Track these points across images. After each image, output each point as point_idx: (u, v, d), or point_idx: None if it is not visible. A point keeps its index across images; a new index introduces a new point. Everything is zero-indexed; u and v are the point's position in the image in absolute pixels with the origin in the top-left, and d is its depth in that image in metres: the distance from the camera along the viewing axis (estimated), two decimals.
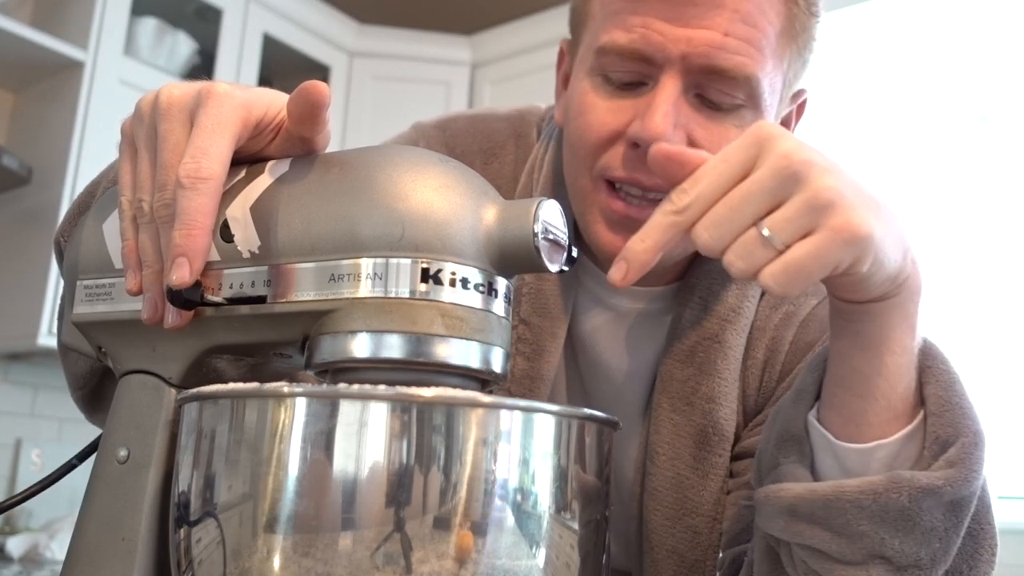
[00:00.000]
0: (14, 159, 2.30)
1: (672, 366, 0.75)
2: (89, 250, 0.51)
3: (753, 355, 0.76)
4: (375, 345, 0.42)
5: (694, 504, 0.73)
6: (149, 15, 2.59)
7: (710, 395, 0.73)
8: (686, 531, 0.73)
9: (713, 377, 0.74)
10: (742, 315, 0.75)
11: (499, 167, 0.82)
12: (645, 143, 0.65)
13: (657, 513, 0.74)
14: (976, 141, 2.40)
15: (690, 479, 0.73)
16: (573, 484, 0.40)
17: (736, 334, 0.75)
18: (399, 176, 0.43)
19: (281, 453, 0.37)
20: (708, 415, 0.73)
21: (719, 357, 0.74)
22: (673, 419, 0.74)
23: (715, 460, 0.73)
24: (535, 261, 0.43)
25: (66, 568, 0.48)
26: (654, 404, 0.76)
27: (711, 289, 0.76)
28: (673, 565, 0.73)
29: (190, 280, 0.44)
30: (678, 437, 0.74)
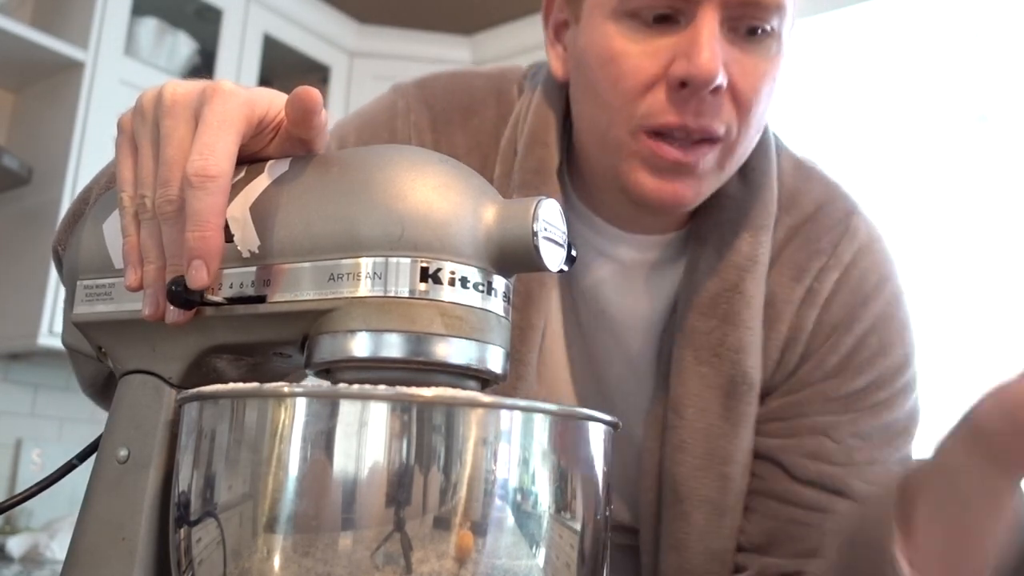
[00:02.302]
0: (14, 159, 2.30)
1: (695, 319, 0.74)
2: (89, 250, 0.51)
3: (777, 328, 0.76)
4: (375, 344, 0.42)
5: (726, 452, 0.73)
6: (149, 15, 2.59)
7: (737, 345, 0.73)
8: (718, 479, 0.73)
9: (739, 327, 0.73)
10: (758, 263, 0.75)
11: (479, 123, 0.80)
12: (696, 83, 0.64)
13: (685, 465, 0.73)
14: (976, 141, 2.40)
15: (721, 428, 0.73)
16: (573, 484, 0.40)
17: (755, 283, 0.74)
18: (398, 176, 0.43)
19: (281, 453, 0.37)
20: (736, 365, 0.73)
21: (743, 307, 0.73)
22: (700, 371, 0.73)
23: (745, 409, 0.73)
24: (535, 260, 0.43)
25: (66, 568, 0.48)
26: (676, 357, 0.75)
27: (724, 239, 0.75)
28: (705, 513, 0.73)
29: (209, 282, 0.44)
30: (707, 389, 0.73)
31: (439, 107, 0.80)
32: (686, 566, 0.73)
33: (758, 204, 0.76)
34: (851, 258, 0.77)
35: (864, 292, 0.77)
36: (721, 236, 0.75)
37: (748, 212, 0.76)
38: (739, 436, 0.73)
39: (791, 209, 0.78)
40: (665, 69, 0.66)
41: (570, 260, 0.45)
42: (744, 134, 0.69)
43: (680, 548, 0.74)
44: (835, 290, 0.76)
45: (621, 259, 0.78)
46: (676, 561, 0.74)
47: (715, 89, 0.66)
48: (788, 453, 0.76)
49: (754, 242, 0.75)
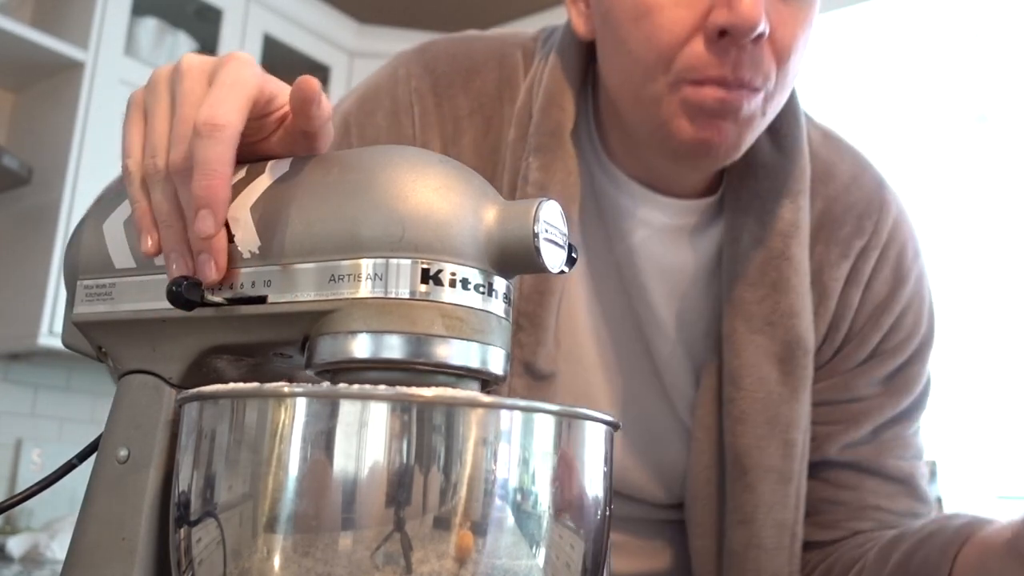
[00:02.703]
0: (14, 159, 2.30)
1: (743, 289, 0.74)
2: (89, 250, 0.51)
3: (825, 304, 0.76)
4: (375, 345, 0.42)
5: (787, 418, 0.73)
6: (149, 15, 2.59)
7: (790, 311, 0.73)
8: (782, 446, 0.73)
9: (789, 293, 0.73)
10: (801, 228, 0.75)
11: (481, 85, 0.79)
12: (739, 31, 0.63)
13: (748, 435, 0.73)
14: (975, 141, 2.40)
15: (781, 395, 0.73)
16: (573, 484, 0.40)
17: (800, 247, 0.74)
18: (399, 176, 0.43)
19: (281, 453, 0.37)
20: (791, 330, 0.73)
21: (791, 273, 0.73)
22: (754, 340, 0.73)
23: (802, 373, 0.74)
24: (535, 262, 0.43)
25: (66, 568, 0.48)
26: (727, 329, 0.74)
27: (765, 207, 0.75)
28: (772, 483, 0.73)
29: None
30: (763, 357, 0.73)
31: (440, 71, 0.79)
32: (754, 540, 0.73)
33: (795, 170, 0.76)
34: (888, 236, 0.78)
35: (902, 270, 0.78)
36: (762, 204, 0.75)
37: (786, 179, 0.75)
38: (799, 400, 0.73)
39: (827, 180, 0.79)
40: (703, 18, 0.64)
41: (570, 261, 0.45)
42: (781, 85, 0.68)
43: (748, 522, 0.73)
44: (876, 269, 0.77)
45: (653, 223, 0.77)
46: (744, 536, 0.73)
47: (756, 38, 0.64)
48: (831, 441, 0.76)
49: (795, 208, 0.74)
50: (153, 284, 0.48)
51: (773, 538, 0.73)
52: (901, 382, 0.78)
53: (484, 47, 0.82)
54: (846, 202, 0.78)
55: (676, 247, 0.77)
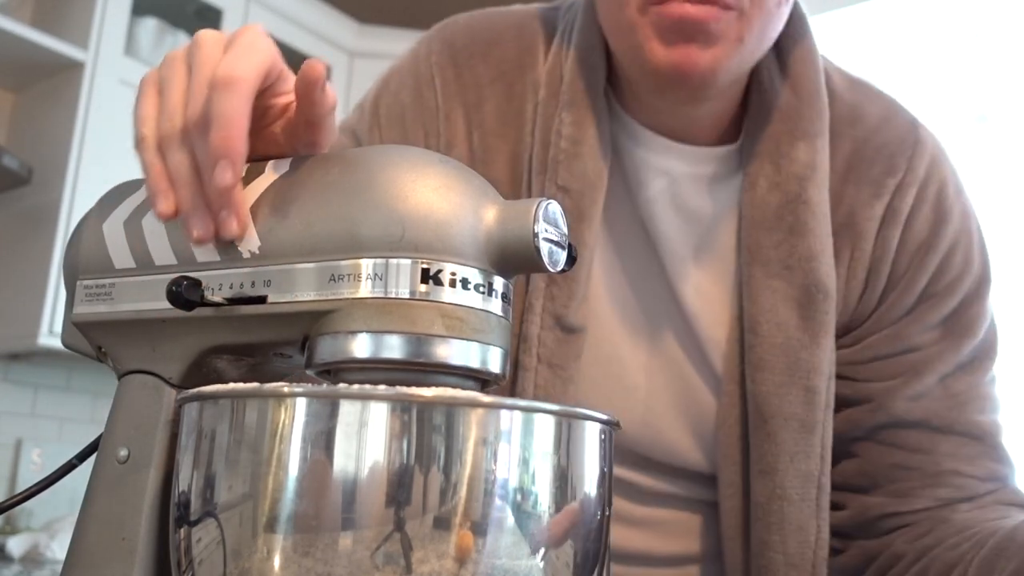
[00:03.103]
0: (14, 159, 2.30)
1: (758, 235, 0.73)
2: (89, 250, 0.51)
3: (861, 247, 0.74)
4: (375, 345, 0.42)
5: (808, 364, 0.71)
6: (149, 15, 2.59)
7: (808, 254, 0.72)
8: (803, 392, 0.71)
9: (807, 236, 0.72)
10: (818, 170, 0.73)
11: (501, 54, 0.80)
12: None
13: (767, 382, 0.72)
14: (975, 141, 2.40)
15: (801, 340, 0.72)
16: (573, 484, 0.40)
17: (818, 190, 0.73)
18: (399, 176, 0.43)
19: (281, 453, 0.37)
20: (810, 274, 0.72)
21: (808, 216, 0.72)
22: (772, 285, 0.72)
23: (823, 318, 0.72)
24: (535, 262, 0.43)
25: (66, 568, 0.48)
26: (744, 275, 0.73)
27: (780, 150, 0.74)
28: (793, 431, 0.71)
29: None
30: (782, 302, 0.72)
31: (460, 43, 0.81)
32: (778, 491, 0.71)
33: (810, 112, 0.75)
34: (925, 172, 0.76)
35: (944, 207, 0.76)
36: (776, 147, 0.74)
37: (801, 121, 0.74)
38: (820, 346, 0.72)
39: (855, 122, 0.77)
40: None
41: (571, 261, 0.45)
42: (758, 6, 0.67)
43: (770, 472, 0.72)
44: (915, 206, 0.75)
45: (673, 173, 0.76)
46: (767, 487, 0.72)
47: None
48: (893, 396, 0.74)
49: (811, 150, 0.73)
50: (153, 284, 0.48)
51: (797, 489, 0.71)
52: (960, 326, 0.75)
53: (503, 20, 0.83)
54: (876, 142, 0.77)
55: (697, 195, 0.77)
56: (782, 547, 0.71)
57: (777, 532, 0.71)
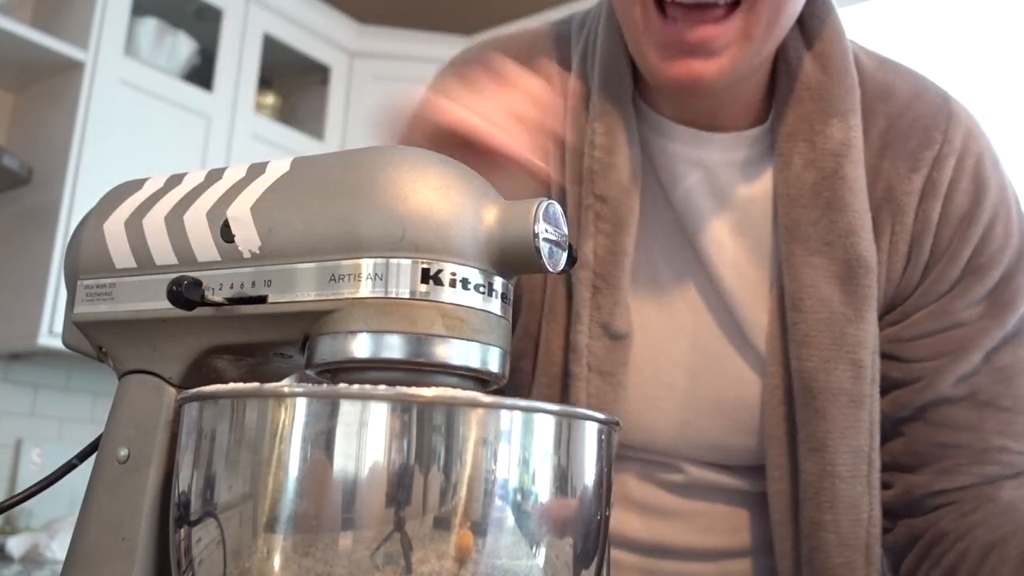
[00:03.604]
0: (14, 159, 2.30)
1: (797, 212, 0.73)
2: (90, 250, 0.51)
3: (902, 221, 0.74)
4: (375, 345, 0.42)
5: (853, 338, 0.71)
6: (149, 15, 2.59)
7: (847, 229, 0.72)
8: (850, 366, 0.71)
9: (846, 211, 0.72)
10: (853, 147, 0.73)
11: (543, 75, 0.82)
12: None
13: (813, 359, 0.71)
14: None
15: (846, 315, 0.71)
16: (573, 484, 0.40)
17: (853, 166, 0.73)
18: (400, 177, 0.43)
19: (281, 453, 0.37)
20: (850, 249, 0.72)
21: (846, 192, 0.72)
22: (812, 262, 0.72)
23: (865, 292, 0.72)
24: (536, 262, 0.43)
25: (66, 568, 0.48)
26: (784, 254, 0.73)
27: (813, 128, 0.74)
28: (842, 407, 0.71)
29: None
30: (823, 278, 0.72)
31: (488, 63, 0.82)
32: (828, 468, 0.71)
33: (840, 89, 0.75)
34: (962, 143, 0.76)
35: (982, 178, 0.75)
36: (810, 126, 0.74)
37: (832, 99, 0.74)
38: (864, 319, 0.72)
39: (887, 98, 0.77)
40: None
41: (571, 261, 0.45)
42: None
43: (820, 449, 0.71)
44: (955, 178, 0.75)
45: (708, 163, 0.77)
46: (818, 464, 0.71)
47: None
48: (941, 375, 0.73)
49: (844, 127, 0.73)
50: (153, 284, 0.48)
51: (848, 465, 0.71)
52: (1004, 299, 0.74)
53: (516, 44, 0.84)
54: (910, 116, 0.76)
55: (733, 181, 0.77)
56: (835, 526, 0.71)
57: (829, 511, 0.71)
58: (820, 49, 0.76)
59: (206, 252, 0.46)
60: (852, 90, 0.75)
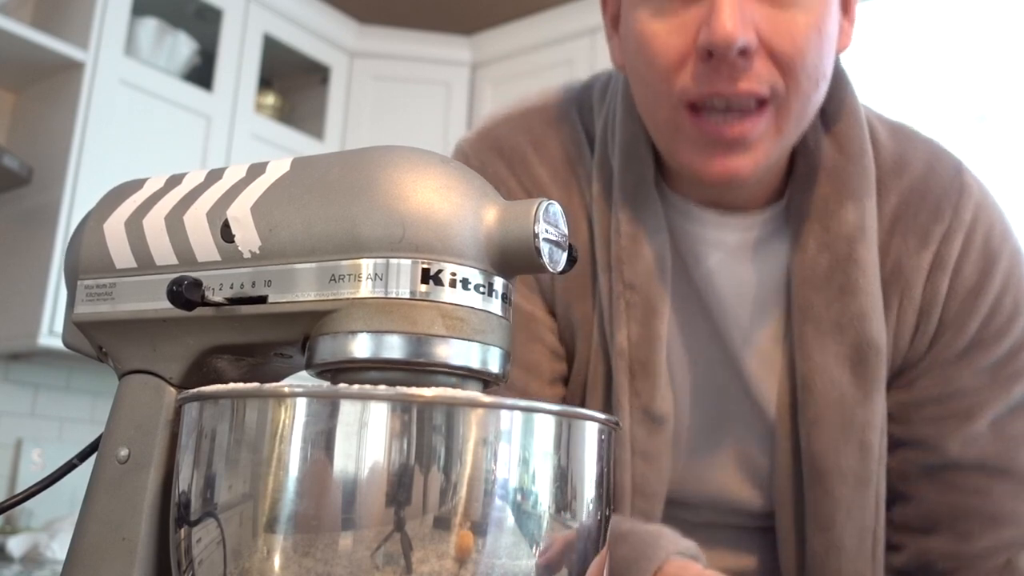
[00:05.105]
0: (14, 159, 2.30)
1: (810, 294, 0.74)
2: (90, 250, 0.51)
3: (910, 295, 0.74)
4: (375, 345, 0.42)
5: (862, 420, 0.72)
6: (149, 15, 2.59)
7: (859, 313, 0.72)
8: (858, 448, 0.72)
9: (858, 295, 0.73)
10: (867, 230, 0.74)
11: (551, 152, 0.81)
12: (719, 49, 0.64)
13: (822, 438, 0.73)
14: (975, 141, 2.40)
15: (855, 396, 0.72)
16: (573, 484, 0.40)
17: (867, 250, 0.73)
18: (400, 177, 0.43)
19: (281, 453, 0.37)
20: (861, 333, 0.72)
21: (859, 275, 0.73)
22: (824, 344, 0.73)
23: (874, 374, 0.73)
24: (536, 262, 0.43)
25: (66, 568, 0.48)
26: (796, 334, 0.74)
27: (828, 211, 0.74)
28: (849, 486, 0.72)
29: None
30: (834, 360, 0.73)
31: (507, 149, 0.81)
32: (836, 544, 0.72)
33: (857, 170, 0.75)
34: (972, 217, 0.76)
35: (991, 251, 0.76)
36: (825, 209, 0.74)
37: (848, 182, 0.75)
38: (873, 401, 0.73)
39: (901, 173, 0.77)
40: (694, 41, 0.66)
41: (571, 262, 0.45)
42: (795, 91, 0.68)
43: (827, 527, 0.73)
44: (963, 252, 0.75)
45: (727, 243, 0.77)
46: (824, 541, 0.73)
47: (743, 52, 0.65)
48: (946, 439, 0.74)
49: (859, 210, 0.74)
50: (153, 284, 0.48)
51: (854, 542, 0.72)
52: (1012, 369, 0.75)
53: (540, 116, 0.83)
54: (921, 191, 0.77)
55: (751, 261, 0.78)
56: None
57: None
58: (837, 129, 0.76)
59: (206, 252, 0.46)
60: (868, 171, 0.75)
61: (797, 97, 0.68)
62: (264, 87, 2.96)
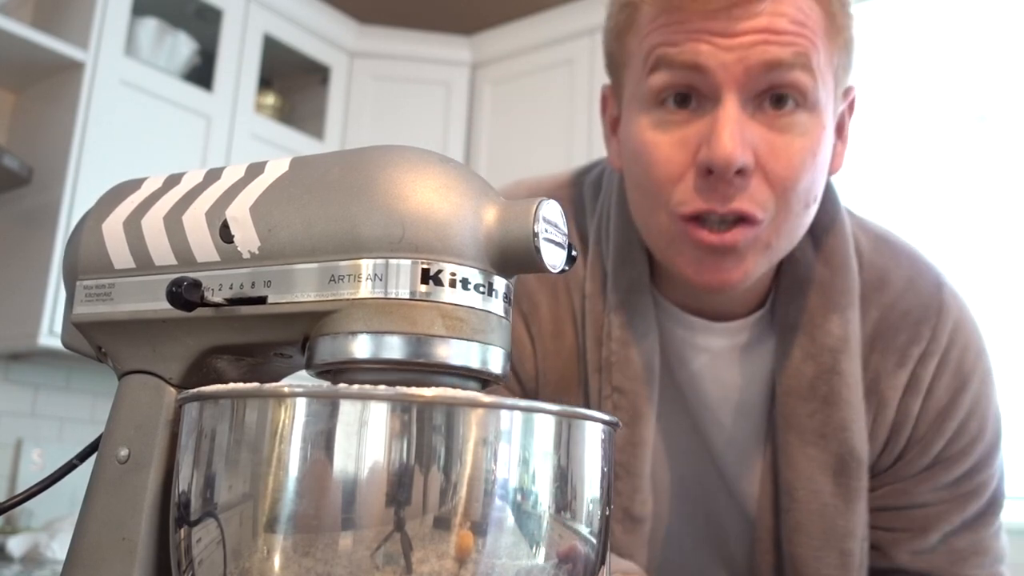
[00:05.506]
0: (14, 159, 2.30)
1: (794, 403, 0.75)
2: (89, 250, 0.51)
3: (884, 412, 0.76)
4: (375, 346, 0.42)
5: (843, 529, 0.74)
6: (149, 15, 2.59)
7: (842, 424, 0.74)
8: (839, 556, 0.74)
9: (841, 407, 0.74)
10: (851, 342, 0.75)
11: None
12: (718, 168, 0.66)
13: (804, 546, 0.74)
14: (975, 141, 2.40)
15: (836, 506, 0.74)
16: (573, 484, 0.40)
17: (851, 361, 0.75)
18: (399, 176, 0.43)
19: (281, 453, 0.37)
20: (844, 444, 0.74)
21: (842, 387, 0.74)
22: (807, 453, 0.74)
23: (856, 484, 0.74)
24: (535, 262, 0.43)
25: (67, 568, 0.48)
26: (780, 442, 0.76)
27: (814, 322, 0.76)
28: None
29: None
30: (816, 470, 0.74)
31: None
32: None
33: (842, 285, 0.77)
34: (948, 339, 0.78)
35: (964, 373, 0.78)
36: (811, 319, 0.76)
37: (833, 295, 0.77)
38: (854, 511, 0.74)
39: (883, 288, 0.79)
40: (694, 157, 0.68)
41: (570, 260, 0.45)
42: (786, 212, 0.70)
43: None
44: (937, 374, 0.77)
45: (713, 348, 0.79)
46: None
47: (741, 172, 0.66)
48: (897, 548, 0.77)
49: (843, 322, 0.76)
50: (153, 284, 0.48)
51: None
52: (968, 488, 0.77)
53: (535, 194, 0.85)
54: (902, 309, 0.78)
55: (735, 365, 0.80)
56: None
57: None
58: (825, 243, 0.78)
59: (205, 252, 0.46)
60: (852, 285, 0.77)
61: (787, 218, 0.70)
62: (264, 87, 2.96)
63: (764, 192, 0.68)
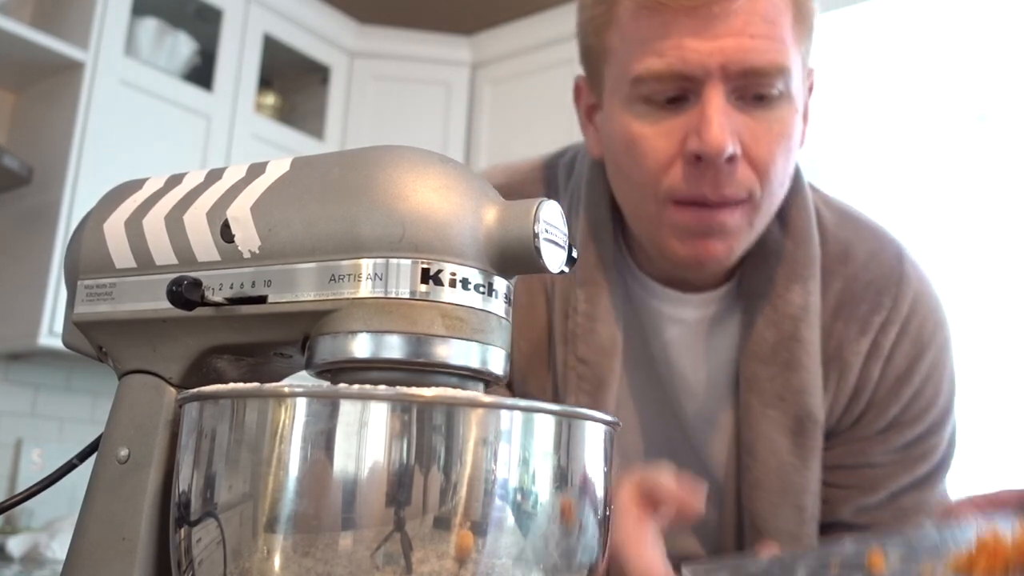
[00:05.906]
0: (14, 159, 2.30)
1: (755, 367, 0.79)
2: (90, 250, 0.51)
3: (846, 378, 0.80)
4: (375, 345, 0.42)
5: (798, 486, 0.78)
6: (149, 15, 2.59)
7: (800, 387, 0.78)
8: (794, 511, 0.78)
9: (800, 371, 0.78)
10: (810, 311, 0.80)
11: None
12: (709, 156, 0.70)
13: (762, 501, 0.79)
14: (975, 141, 2.40)
15: (793, 464, 0.78)
16: (573, 484, 0.40)
17: (809, 329, 0.79)
18: (400, 176, 0.43)
19: (281, 453, 0.37)
20: (802, 406, 0.78)
21: (802, 353, 0.79)
22: (768, 414, 0.79)
23: (812, 444, 0.79)
24: (535, 262, 0.43)
25: (67, 568, 0.48)
26: (743, 403, 0.80)
27: (776, 291, 0.80)
28: (784, 545, 0.77)
29: None
30: (775, 430, 0.79)
31: None
32: None
33: (804, 257, 0.81)
34: (908, 309, 0.82)
35: (922, 342, 0.81)
36: (773, 289, 0.80)
37: (795, 265, 0.81)
38: (809, 468, 0.78)
39: (846, 260, 0.83)
40: (681, 146, 0.71)
41: (570, 261, 0.45)
42: (767, 193, 0.74)
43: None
44: (896, 342, 0.81)
45: (685, 319, 0.83)
46: None
47: (729, 159, 0.70)
48: (844, 503, 0.81)
49: (804, 292, 0.80)
50: (153, 284, 0.48)
51: None
52: (919, 451, 0.81)
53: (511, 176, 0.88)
54: (864, 279, 0.82)
55: (706, 335, 0.83)
56: None
57: None
58: (789, 217, 0.82)
59: (206, 252, 0.46)
60: (814, 257, 0.82)
61: (768, 197, 0.75)
62: (264, 87, 2.96)
63: (749, 176, 0.72)
